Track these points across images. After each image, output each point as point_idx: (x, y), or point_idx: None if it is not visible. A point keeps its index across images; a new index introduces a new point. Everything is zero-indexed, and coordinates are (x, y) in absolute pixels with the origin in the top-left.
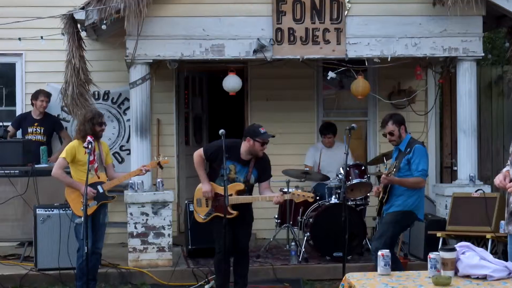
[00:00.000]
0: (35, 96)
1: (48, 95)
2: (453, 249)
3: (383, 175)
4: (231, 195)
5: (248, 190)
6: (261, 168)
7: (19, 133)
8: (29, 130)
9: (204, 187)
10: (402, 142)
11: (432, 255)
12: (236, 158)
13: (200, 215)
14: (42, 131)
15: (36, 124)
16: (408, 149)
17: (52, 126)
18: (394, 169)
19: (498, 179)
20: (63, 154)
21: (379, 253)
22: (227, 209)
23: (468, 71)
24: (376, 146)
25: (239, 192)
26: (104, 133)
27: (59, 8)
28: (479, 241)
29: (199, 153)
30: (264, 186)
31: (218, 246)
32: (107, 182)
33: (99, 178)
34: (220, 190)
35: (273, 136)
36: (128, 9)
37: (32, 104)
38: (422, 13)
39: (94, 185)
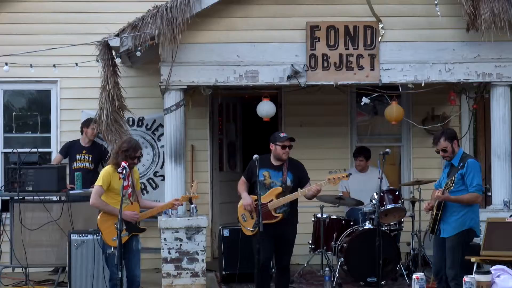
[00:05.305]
0: (87, 123)
1: None
2: (488, 272)
3: (438, 193)
4: (271, 200)
5: (289, 193)
6: (297, 173)
7: (65, 161)
8: (77, 157)
9: (244, 201)
10: (455, 157)
11: (467, 278)
12: (268, 165)
13: (248, 228)
14: (90, 159)
15: (84, 151)
16: (461, 164)
17: (100, 154)
18: (450, 186)
19: None
20: (99, 182)
21: (414, 276)
22: (271, 212)
23: (502, 96)
24: (410, 172)
25: (279, 195)
26: None
27: (93, 35)
28: None
29: (241, 179)
30: None
31: (259, 260)
32: (140, 213)
33: (132, 204)
34: (261, 199)
35: (293, 139)
36: (163, 35)
37: (81, 131)
38: (456, 39)
39: None
